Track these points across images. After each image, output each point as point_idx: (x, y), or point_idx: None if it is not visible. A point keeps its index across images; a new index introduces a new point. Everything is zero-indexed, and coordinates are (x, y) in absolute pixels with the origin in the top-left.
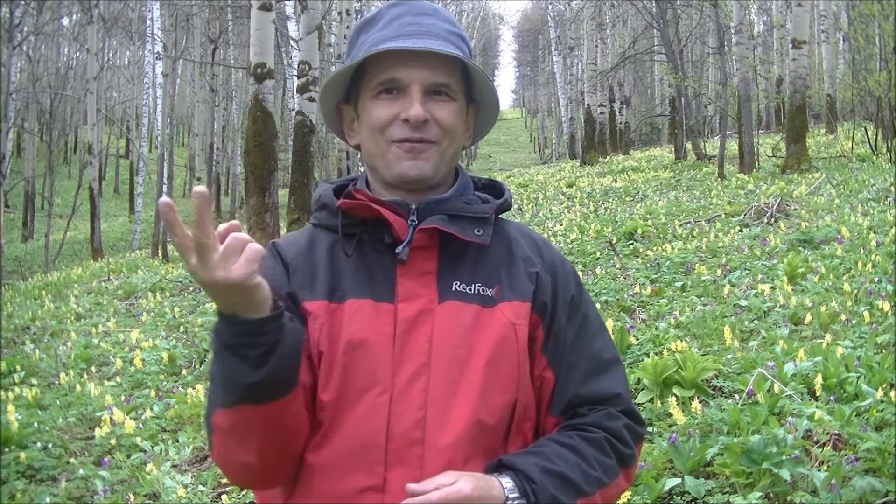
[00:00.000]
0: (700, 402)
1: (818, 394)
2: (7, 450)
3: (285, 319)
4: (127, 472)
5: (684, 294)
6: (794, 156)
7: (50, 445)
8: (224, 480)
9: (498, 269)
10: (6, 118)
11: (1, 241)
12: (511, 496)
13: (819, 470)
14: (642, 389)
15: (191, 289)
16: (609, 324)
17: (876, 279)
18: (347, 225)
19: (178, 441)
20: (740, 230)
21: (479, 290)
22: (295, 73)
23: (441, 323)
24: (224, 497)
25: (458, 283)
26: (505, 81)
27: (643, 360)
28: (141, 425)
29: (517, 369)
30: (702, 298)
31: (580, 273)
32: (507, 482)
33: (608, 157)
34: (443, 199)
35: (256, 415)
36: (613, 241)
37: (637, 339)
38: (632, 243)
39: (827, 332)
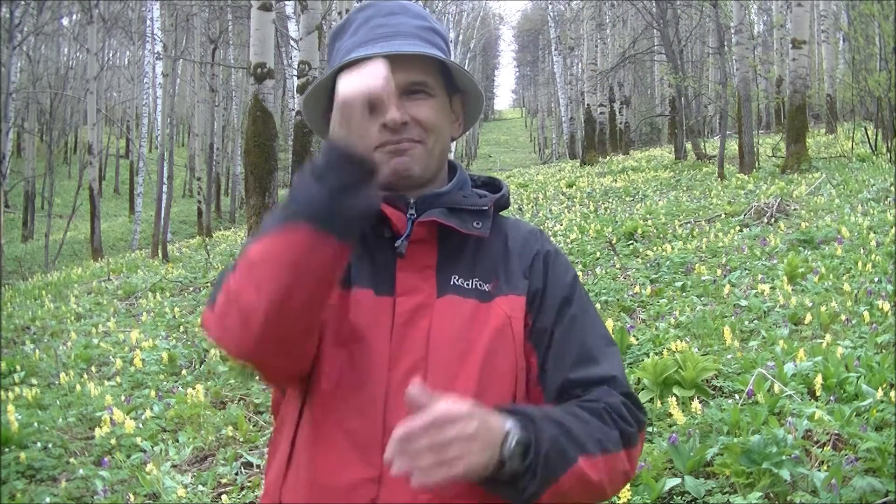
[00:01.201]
0: (700, 402)
1: (818, 394)
2: (7, 450)
3: (372, 186)
4: (127, 472)
5: (684, 294)
6: (794, 156)
7: (50, 445)
8: (224, 480)
9: (495, 264)
10: (6, 118)
11: (1, 241)
12: (510, 427)
13: (819, 470)
14: (642, 389)
15: (191, 289)
16: (609, 324)
17: (876, 279)
18: None
19: (178, 441)
20: (740, 230)
21: (476, 284)
22: (295, 73)
23: (439, 317)
24: (224, 497)
25: (457, 278)
26: (505, 81)
27: (643, 360)
28: (141, 425)
29: (514, 364)
30: (702, 298)
31: (580, 273)
32: (506, 418)
33: (608, 157)
34: (441, 193)
35: (306, 240)
36: (613, 241)
37: (637, 339)
38: (632, 243)
39: (827, 332)
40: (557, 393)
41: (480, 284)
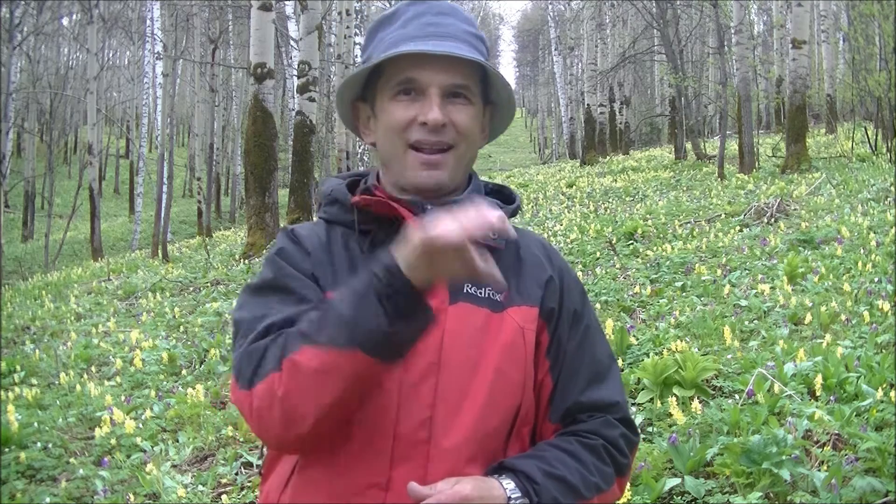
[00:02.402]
0: (700, 402)
1: (818, 394)
2: (7, 450)
3: (430, 307)
4: (127, 472)
5: (684, 294)
6: (794, 156)
7: (50, 445)
8: (224, 480)
9: (507, 274)
10: (6, 118)
11: (1, 241)
12: (513, 496)
13: (819, 470)
14: (642, 389)
15: (191, 289)
16: (609, 324)
17: (876, 279)
18: (361, 221)
19: (178, 441)
20: (740, 230)
21: (489, 293)
22: (295, 73)
23: (452, 324)
24: (224, 497)
25: (469, 286)
26: None
27: (643, 360)
28: (141, 425)
29: (524, 374)
30: (702, 298)
31: (580, 273)
32: (508, 483)
33: (608, 157)
34: (458, 201)
35: (360, 366)
36: (613, 241)
37: (637, 339)
38: (632, 243)
39: (827, 332)
40: (563, 414)
41: (493, 294)
